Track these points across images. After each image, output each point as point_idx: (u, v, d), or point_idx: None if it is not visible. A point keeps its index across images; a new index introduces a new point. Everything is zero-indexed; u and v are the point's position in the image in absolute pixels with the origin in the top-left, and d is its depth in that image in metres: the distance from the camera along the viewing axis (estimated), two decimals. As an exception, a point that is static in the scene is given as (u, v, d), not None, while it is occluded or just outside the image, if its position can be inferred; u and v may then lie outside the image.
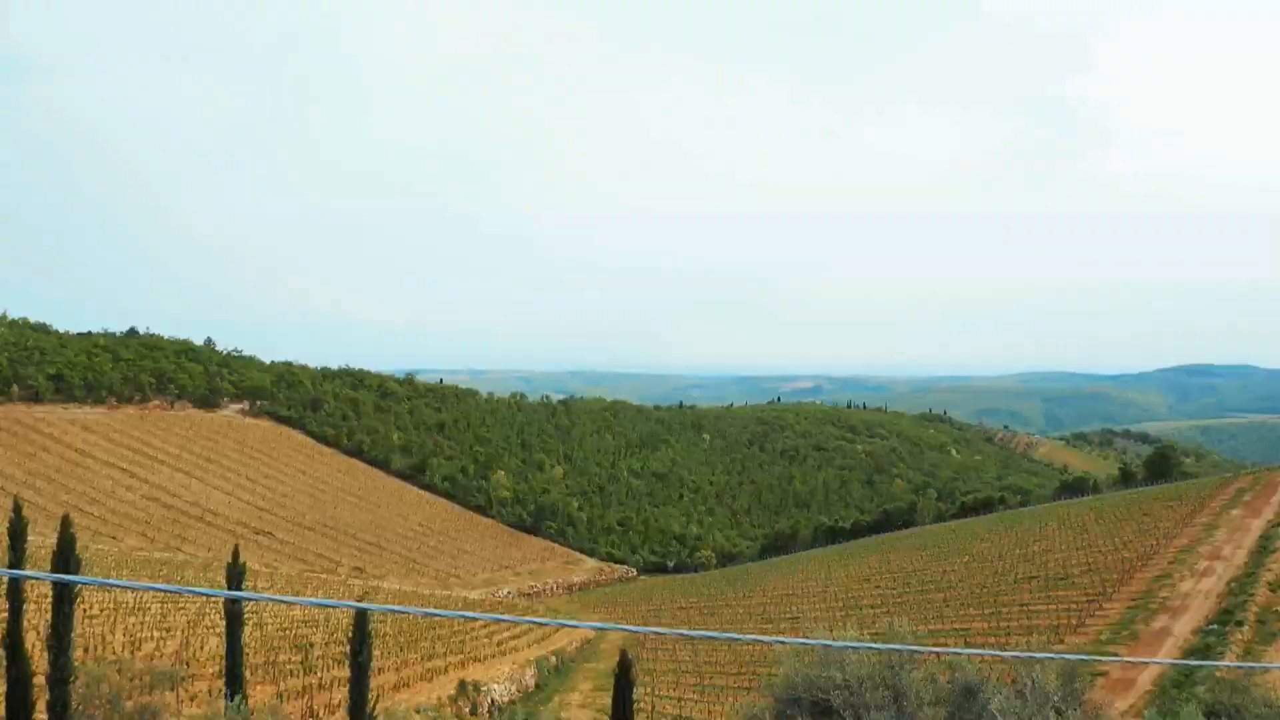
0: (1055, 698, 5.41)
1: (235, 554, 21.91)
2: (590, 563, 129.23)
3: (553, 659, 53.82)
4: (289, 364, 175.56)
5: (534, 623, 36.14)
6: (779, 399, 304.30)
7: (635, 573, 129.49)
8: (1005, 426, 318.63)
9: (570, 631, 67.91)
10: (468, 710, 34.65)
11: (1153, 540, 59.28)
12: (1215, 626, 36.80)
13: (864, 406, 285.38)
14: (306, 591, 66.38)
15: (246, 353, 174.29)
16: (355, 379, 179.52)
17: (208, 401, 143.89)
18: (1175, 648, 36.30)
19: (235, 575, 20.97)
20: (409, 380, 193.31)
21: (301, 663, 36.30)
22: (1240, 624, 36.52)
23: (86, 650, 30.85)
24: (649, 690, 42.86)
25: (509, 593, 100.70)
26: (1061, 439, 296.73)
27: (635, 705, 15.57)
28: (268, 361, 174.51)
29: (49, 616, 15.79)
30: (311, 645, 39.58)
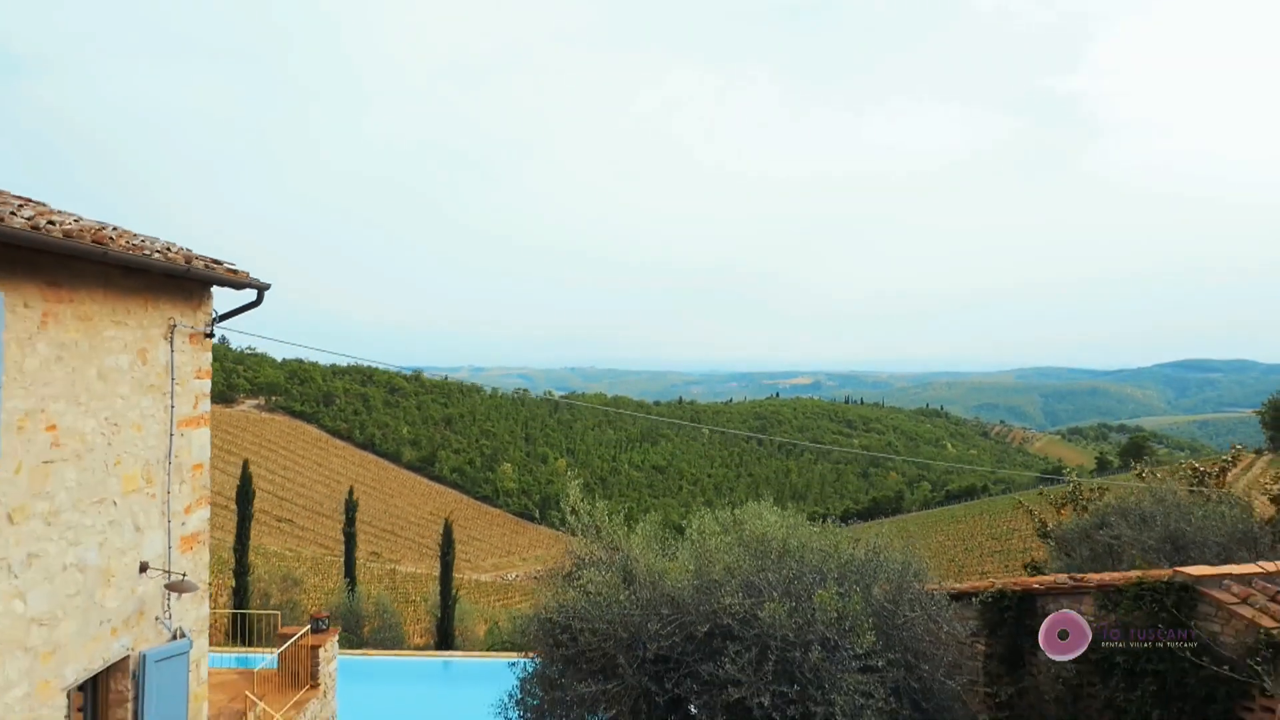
0: (862, 556, 8.39)
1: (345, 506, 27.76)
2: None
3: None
4: (300, 361, 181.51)
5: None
6: (777, 395, 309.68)
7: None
8: (1001, 421, 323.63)
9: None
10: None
11: (1106, 518, 64.92)
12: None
13: (861, 402, 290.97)
14: (332, 572, 72.10)
15: (258, 350, 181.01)
16: (364, 375, 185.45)
17: (225, 397, 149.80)
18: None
19: (350, 507, 27.00)
20: (416, 377, 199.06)
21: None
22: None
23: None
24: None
25: (516, 576, 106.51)
26: (1058, 434, 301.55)
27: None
28: (279, 359, 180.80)
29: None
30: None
